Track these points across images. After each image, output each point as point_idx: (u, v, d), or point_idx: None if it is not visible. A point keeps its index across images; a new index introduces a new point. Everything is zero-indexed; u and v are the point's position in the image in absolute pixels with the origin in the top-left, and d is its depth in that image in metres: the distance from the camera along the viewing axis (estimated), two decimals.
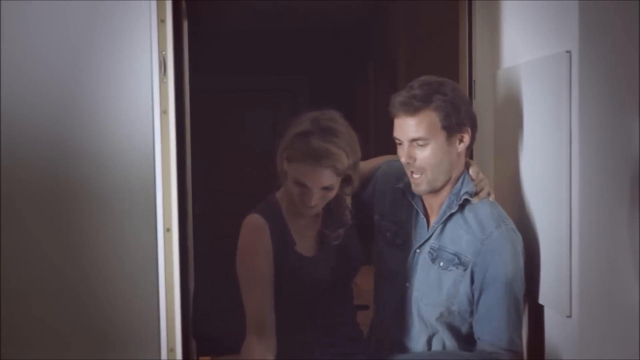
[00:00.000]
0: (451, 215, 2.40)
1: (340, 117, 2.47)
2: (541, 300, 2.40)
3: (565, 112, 2.18)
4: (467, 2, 2.87)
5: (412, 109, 2.33)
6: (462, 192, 2.39)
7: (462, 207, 2.39)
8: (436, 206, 2.45)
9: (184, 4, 2.17)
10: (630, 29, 2.13)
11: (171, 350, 2.10)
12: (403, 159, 2.37)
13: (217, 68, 6.91)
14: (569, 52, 2.16)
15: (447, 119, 2.33)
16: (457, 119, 2.34)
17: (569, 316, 2.20)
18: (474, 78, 2.86)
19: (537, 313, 2.46)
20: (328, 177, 2.39)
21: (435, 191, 2.42)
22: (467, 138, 2.38)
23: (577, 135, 2.14)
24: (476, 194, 2.40)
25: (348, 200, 2.61)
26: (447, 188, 2.42)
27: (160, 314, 2.09)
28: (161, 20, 2.08)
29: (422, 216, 2.47)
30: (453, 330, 2.41)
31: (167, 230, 2.10)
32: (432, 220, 2.46)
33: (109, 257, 2.09)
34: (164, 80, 2.09)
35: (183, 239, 2.20)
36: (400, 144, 2.39)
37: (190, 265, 2.36)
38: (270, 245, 2.44)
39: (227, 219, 2.85)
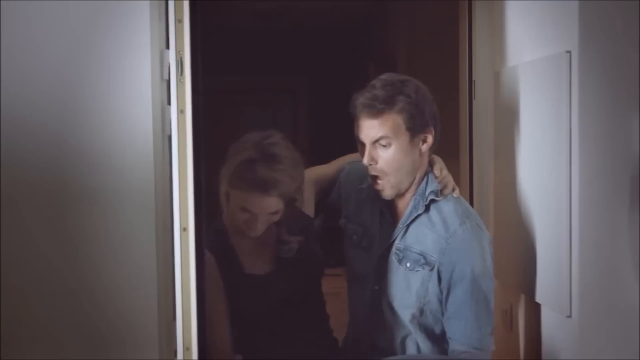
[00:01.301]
0: (417, 215, 2.37)
1: (283, 139, 2.44)
2: (541, 300, 2.40)
3: (565, 112, 2.18)
4: (467, 2, 2.86)
5: (374, 111, 2.29)
6: (427, 192, 2.36)
7: (427, 207, 2.37)
8: (402, 206, 2.42)
9: (199, 2, 2.16)
10: (630, 29, 2.13)
11: (187, 349, 2.09)
12: (365, 160, 2.33)
13: (216, 68, 6.89)
14: (569, 52, 2.16)
15: (411, 121, 2.30)
16: (421, 120, 2.31)
17: (569, 316, 2.20)
18: (474, 78, 2.85)
19: (536, 313, 2.45)
20: (275, 204, 2.38)
21: (401, 194, 2.39)
22: (430, 138, 2.35)
23: (577, 135, 2.14)
24: (440, 191, 2.37)
25: (310, 208, 2.59)
26: (412, 188, 2.38)
27: (177, 313, 2.09)
28: (178, 20, 2.08)
29: (388, 216, 2.44)
30: (427, 331, 2.38)
31: (184, 229, 2.09)
32: (398, 220, 2.43)
33: (123, 256, 2.07)
34: (181, 79, 2.08)
35: (199, 239, 2.19)
36: (362, 144, 2.35)
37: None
38: (219, 278, 2.42)
39: None
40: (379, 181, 2.35)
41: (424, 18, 4.84)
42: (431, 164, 2.42)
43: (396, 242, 2.40)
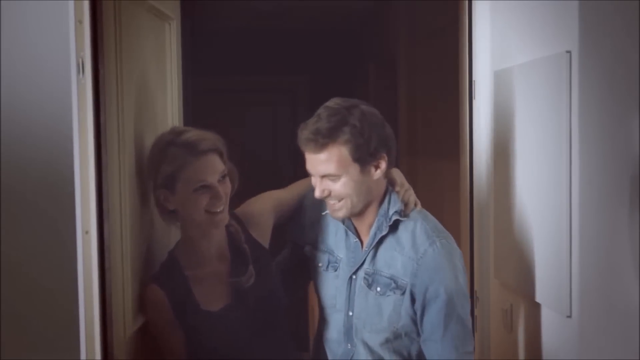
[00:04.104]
0: (382, 237, 2.32)
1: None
2: (541, 300, 2.40)
3: (565, 112, 2.18)
4: (467, 2, 2.87)
5: (318, 145, 2.22)
6: (390, 213, 2.30)
7: (392, 227, 2.31)
8: (365, 228, 2.36)
9: (102, 4, 2.09)
10: (630, 29, 2.13)
11: (90, 352, 2.06)
12: (317, 194, 2.28)
13: (217, 68, 6.90)
14: (569, 52, 2.16)
15: (358, 151, 2.22)
16: (369, 149, 2.23)
17: (569, 316, 2.20)
18: (474, 78, 2.85)
19: (536, 313, 2.46)
20: (218, 162, 2.36)
21: (357, 214, 2.33)
22: (383, 164, 2.27)
23: (577, 135, 2.14)
24: (404, 209, 2.32)
25: (265, 239, 2.52)
26: (372, 208, 2.33)
27: (80, 316, 2.03)
28: (79, 21, 2.03)
29: (355, 240, 2.38)
30: (401, 355, 2.33)
31: (86, 232, 2.06)
32: (364, 243, 2.37)
33: (27, 259, 2.03)
34: (82, 81, 2.04)
35: (103, 242, 2.15)
36: (312, 176, 2.30)
37: (114, 268, 2.27)
38: (172, 315, 2.36)
39: None
40: (332, 202, 2.29)
41: (424, 18, 4.85)
42: (391, 182, 2.37)
43: (365, 266, 2.35)
